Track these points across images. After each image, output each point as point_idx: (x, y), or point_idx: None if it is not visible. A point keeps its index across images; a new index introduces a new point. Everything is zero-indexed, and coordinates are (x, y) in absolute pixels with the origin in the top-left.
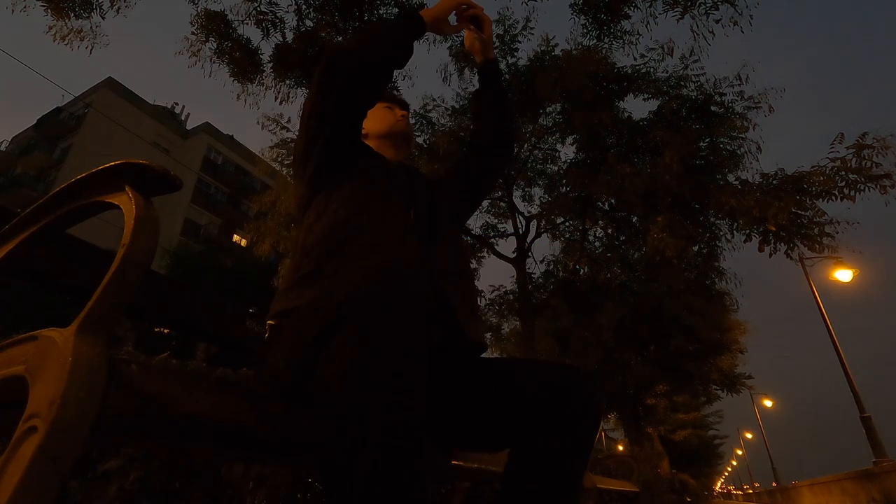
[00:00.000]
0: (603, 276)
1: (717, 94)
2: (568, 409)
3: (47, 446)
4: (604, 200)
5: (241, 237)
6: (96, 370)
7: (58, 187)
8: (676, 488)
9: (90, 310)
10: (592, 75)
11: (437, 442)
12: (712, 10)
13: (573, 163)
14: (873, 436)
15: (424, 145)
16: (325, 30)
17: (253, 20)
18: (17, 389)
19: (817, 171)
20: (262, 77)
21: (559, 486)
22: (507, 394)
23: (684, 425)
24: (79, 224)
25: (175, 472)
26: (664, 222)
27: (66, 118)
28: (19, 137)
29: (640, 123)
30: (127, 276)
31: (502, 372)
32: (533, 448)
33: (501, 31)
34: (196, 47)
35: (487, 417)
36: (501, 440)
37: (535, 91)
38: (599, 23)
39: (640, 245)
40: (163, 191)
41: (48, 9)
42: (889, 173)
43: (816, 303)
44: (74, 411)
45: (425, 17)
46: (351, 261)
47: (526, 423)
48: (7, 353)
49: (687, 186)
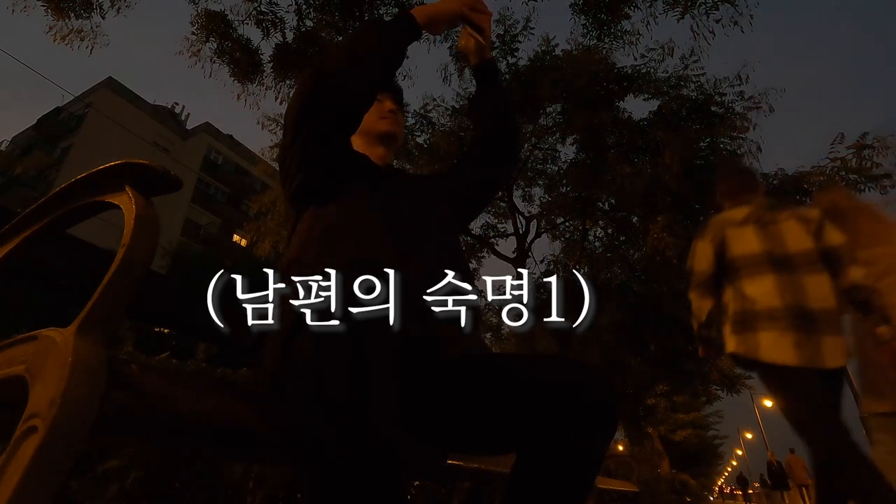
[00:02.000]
0: (603, 276)
1: (718, 94)
2: (579, 413)
3: (47, 446)
4: (604, 200)
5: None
6: (96, 370)
7: (58, 187)
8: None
9: (90, 310)
10: (593, 75)
11: (437, 444)
12: (712, 10)
13: (573, 163)
14: None
15: (424, 145)
16: (325, 30)
17: (253, 20)
18: (17, 389)
19: (817, 171)
20: (262, 77)
21: (566, 495)
22: (510, 395)
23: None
24: (79, 224)
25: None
26: (664, 222)
27: (66, 118)
28: (19, 137)
29: (640, 123)
30: (127, 276)
31: (506, 370)
32: (539, 453)
33: (502, 31)
34: (196, 47)
35: (489, 420)
36: (505, 443)
37: (535, 91)
38: (600, 23)
39: (640, 245)
40: (163, 191)
41: (48, 9)
42: (889, 173)
43: None
44: (74, 411)
45: (420, 18)
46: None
47: (531, 426)
48: (7, 353)
49: (687, 186)
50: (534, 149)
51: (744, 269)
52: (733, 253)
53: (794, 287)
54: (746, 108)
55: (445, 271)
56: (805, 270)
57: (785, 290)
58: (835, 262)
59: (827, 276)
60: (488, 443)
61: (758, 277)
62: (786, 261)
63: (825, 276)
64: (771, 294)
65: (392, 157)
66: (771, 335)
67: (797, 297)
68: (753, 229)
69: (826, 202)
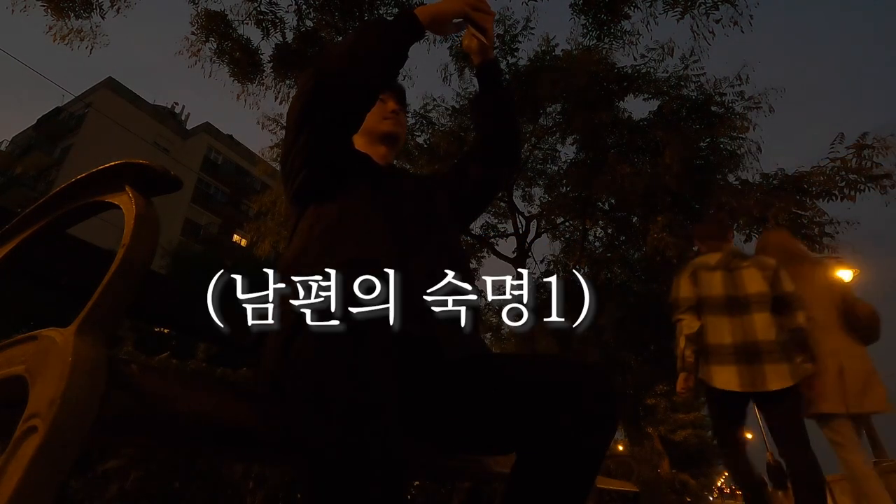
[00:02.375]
0: (603, 276)
1: (718, 94)
2: (579, 413)
3: (47, 446)
4: (604, 200)
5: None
6: (96, 370)
7: (58, 187)
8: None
9: (90, 310)
10: (593, 75)
11: (437, 444)
12: (712, 10)
13: (573, 163)
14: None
15: (424, 145)
16: (325, 30)
17: (253, 20)
18: (17, 389)
19: (817, 171)
20: (262, 77)
21: (566, 495)
22: (510, 395)
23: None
24: (79, 224)
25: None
26: (664, 222)
27: (66, 118)
28: (19, 137)
29: (640, 123)
30: (127, 276)
31: (507, 370)
32: (539, 454)
33: (502, 31)
34: (196, 47)
35: (489, 420)
36: (506, 444)
37: (535, 91)
38: (600, 23)
39: (640, 245)
40: (163, 191)
41: (48, 9)
42: (889, 173)
43: None
44: (74, 411)
45: (423, 18)
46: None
47: (531, 426)
48: (7, 353)
49: (687, 186)
50: (534, 149)
51: (707, 308)
52: (702, 293)
53: (743, 326)
54: (746, 108)
55: (446, 271)
56: (756, 309)
57: (735, 330)
58: (785, 306)
59: (771, 314)
60: (488, 443)
61: (717, 317)
62: (742, 302)
63: (770, 314)
64: (723, 333)
65: (394, 157)
66: (720, 367)
67: (745, 335)
68: (721, 275)
69: (775, 243)
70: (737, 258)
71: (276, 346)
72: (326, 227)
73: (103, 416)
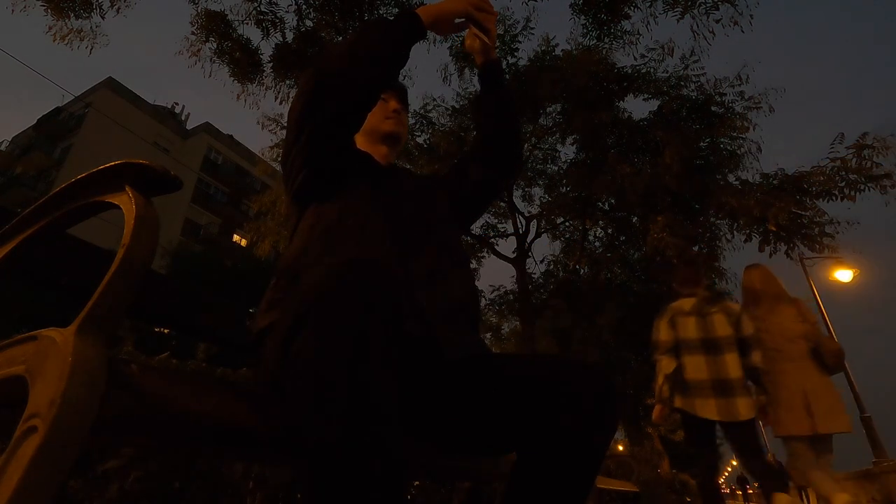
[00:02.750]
0: (603, 276)
1: (718, 94)
2: (579, 413)
3: (47, 446)
4: (604, 200)
5: (241, 237)
6: (96, 370)
7: (58, 187)
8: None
9: (90, 310)
10: (592, 75)
11: (437, 444)
12: (712, 10)
13: (573, 163)
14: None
15: (424, 145)
16: (325, 30)
17: (253, 20)
18: (17, 389)
19: (817, 171)
20: (262, 77)
21: (566, 495)
22: (510, 395)
23: None
24: (79, 224)
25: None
26: (664, 222)
27: (66, 118)
28: (19, 137)
29: (640, 123)
30: (127, 276)
31: (506, 370)
32: (539, 454)
33: (502, 31)
34: (196, 47)
35: (489, 420)
36: (506, 444)
37: (535, 91)
38: (600, 23)
39: (640, 245)
40: (163, 191)
41: (48, 9)
42: (889, 173)
43: (816, 302)
44: (74, 411)
45: (425, 18)
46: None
47: (531, 426)
48: (7, 353)
49: (687, 186)
50: (534, 149)
51: (685, 349)
52: (679, 336)
53: (717, 364)
54: (746, 108)
55: (446, 271)
56: (726, 350)
57: (710, 367)
58: (746, 347)
59: (738, 353)
60: (489, 443)
61: (695, 356)
62: (714, 343)
63: (737, 354)
64: (701, 370)
65: (395, 157)
66: (702, 400)
67: (719, 372)
68: (694, 320)
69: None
70: (708, 304)
71: (276, 346)
72: (327, 227)
73: (103, 416)
